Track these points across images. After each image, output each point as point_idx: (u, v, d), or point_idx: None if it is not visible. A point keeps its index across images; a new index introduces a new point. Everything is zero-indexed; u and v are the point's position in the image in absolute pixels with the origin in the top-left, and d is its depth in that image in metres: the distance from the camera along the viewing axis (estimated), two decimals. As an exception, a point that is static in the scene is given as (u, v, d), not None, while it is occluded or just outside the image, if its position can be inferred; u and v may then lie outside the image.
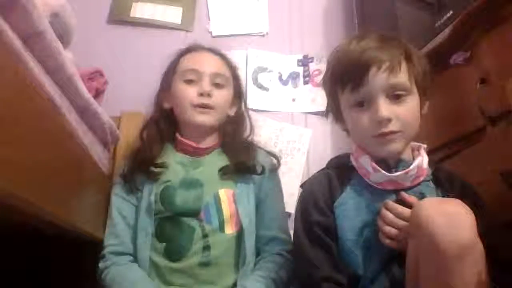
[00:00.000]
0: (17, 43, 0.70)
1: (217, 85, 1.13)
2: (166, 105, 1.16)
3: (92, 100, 1.03)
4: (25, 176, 0.64)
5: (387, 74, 0.78)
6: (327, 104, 0.94)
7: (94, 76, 1.27)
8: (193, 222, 1.01)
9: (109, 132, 1.17)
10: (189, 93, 1.10)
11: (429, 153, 1.15)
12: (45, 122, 0.73)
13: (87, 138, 1.03)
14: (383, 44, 0.81)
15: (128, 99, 1.49)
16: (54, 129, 0.78)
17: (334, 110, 0.91)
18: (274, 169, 1.16)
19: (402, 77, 0.80)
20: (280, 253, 1.02)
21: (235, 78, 1.21)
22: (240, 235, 1.02)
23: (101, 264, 1.01)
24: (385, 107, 0.78)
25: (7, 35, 0.66)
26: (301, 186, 0.96)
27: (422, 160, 0.84)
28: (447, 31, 1.06)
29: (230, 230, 1.03)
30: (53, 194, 0.76)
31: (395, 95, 0.79)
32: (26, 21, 0.72)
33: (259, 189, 1.09)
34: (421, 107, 0.85)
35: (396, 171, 0.82)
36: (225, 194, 1.05)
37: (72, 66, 0.92)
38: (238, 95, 1.22)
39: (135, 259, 1.01)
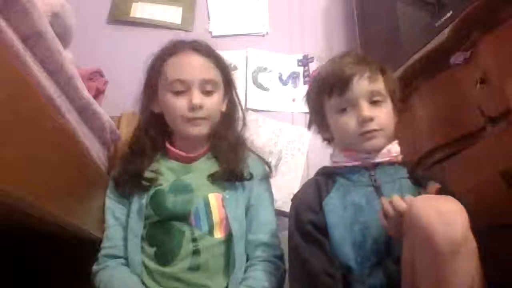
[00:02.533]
0: (17, 43, 0.70)
1: (208, 93, 1.08)
2: (157, 110, 1.12)
3: (92, 100, 1.03)
4: (25, 176, 0.64)
5: (368, 82, 0.92)
6: (310, 117, 1.07)
7: (94, 76, 1.27)
8: (183, 227, 1.00)
9: (109, 132, 1.17)
10: (179, 105, 1.05)
11: (429, 153, 1.15)
12: (45, 122, 0.73)
13: (87, 138, 1.03)
14: (362, 60, 0.96)
15: (128, 99, 1.48)
16: (54, 129, 0.78)
17: (319, 120, 1.02)
18: (265, 177, 1.13)
19: (380, 85, 0.94)
20: (269, 259, 1.01)
21: (225, 75, 1.14)
22: (229, 240, 1.01)
23: (94, 267, 1.01)
24: (367, 109, 0.91)
25: (7, 35, 0.66)
26: (292, 199, 0.98)
27: (396, 147, 0.96)
28: (447, 31, 1.06)
29: (219, 234, 1.02)
30: (53, 194, 0.76)
31: (374, 101, 0.92)
32: (26, 21, 0.72)
33: (249, 194, 1.08)
34: (394, 115, 0.97)
35: (374, 172, 0.93)
36: (214, 198, 1.04)
37: (72, 66, 0.92)
38: (228, 89, 1.17)
39: (127, 262, 1.01)
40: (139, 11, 1.67)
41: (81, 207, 0.95)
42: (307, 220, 0.89)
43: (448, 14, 1.05)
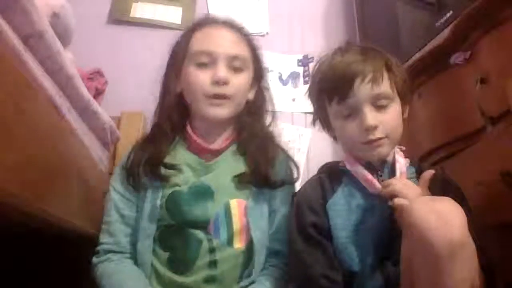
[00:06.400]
0: (17, 43, 0.70)
1: (235, 69, 0.96)
2: (178, 89, 1.00)
3: (92, 100, 1.04)
4: (25, 176, 0.64)
5: (371, 85, 0.83)
6: (314, 113, 0.97)
7: (94, 76, 1.28)
8: (200, 235, 0.91)
9: (109, 132, 1.17)
10: (201, 80, 0.94)
11: (429, 153, 1.15)
12: (45, 122, 0.73)
13: (87, 138, 1.03)
14: (365, 57, 0.85)
15: (128, 99, 1.49)
16: (54, 129, 0.78)
17: (322, 119, 0.95)
18: (292, 182, 1.01)
19: (385, 86, 0.85)
20: (279, 266, 0.94)
21: (255, 58, 1.04)
22: (248, 249, 0.93)
23: (94, 259, 0.94)
24: (371, 116, 0.82)
25: (7, 35, 0.66)
26: (293, 196, 0.97)
27: (402, 163, 0.88)
28: (447, 31, 1.06)
29: (238, 244, 0.93)
30: (53, 194, 0.76)
31: (379, 104, 0.84)
32: (26, 21, 0.72)
33: (272, 199, 0.98)
34: (403, 112, 0.90)
35: (382, 172, 0.87)
36: (236, 205, 0.94)
37: (72, 66, 0.92)
38: (259, 75, 1.05)
39: (135, 262, 0.94)
40: (139, 11, 1.68)
41: (81, 207, 0.95)
42: (309, 222, 0.85)
43: (448, 14, 1.05)
